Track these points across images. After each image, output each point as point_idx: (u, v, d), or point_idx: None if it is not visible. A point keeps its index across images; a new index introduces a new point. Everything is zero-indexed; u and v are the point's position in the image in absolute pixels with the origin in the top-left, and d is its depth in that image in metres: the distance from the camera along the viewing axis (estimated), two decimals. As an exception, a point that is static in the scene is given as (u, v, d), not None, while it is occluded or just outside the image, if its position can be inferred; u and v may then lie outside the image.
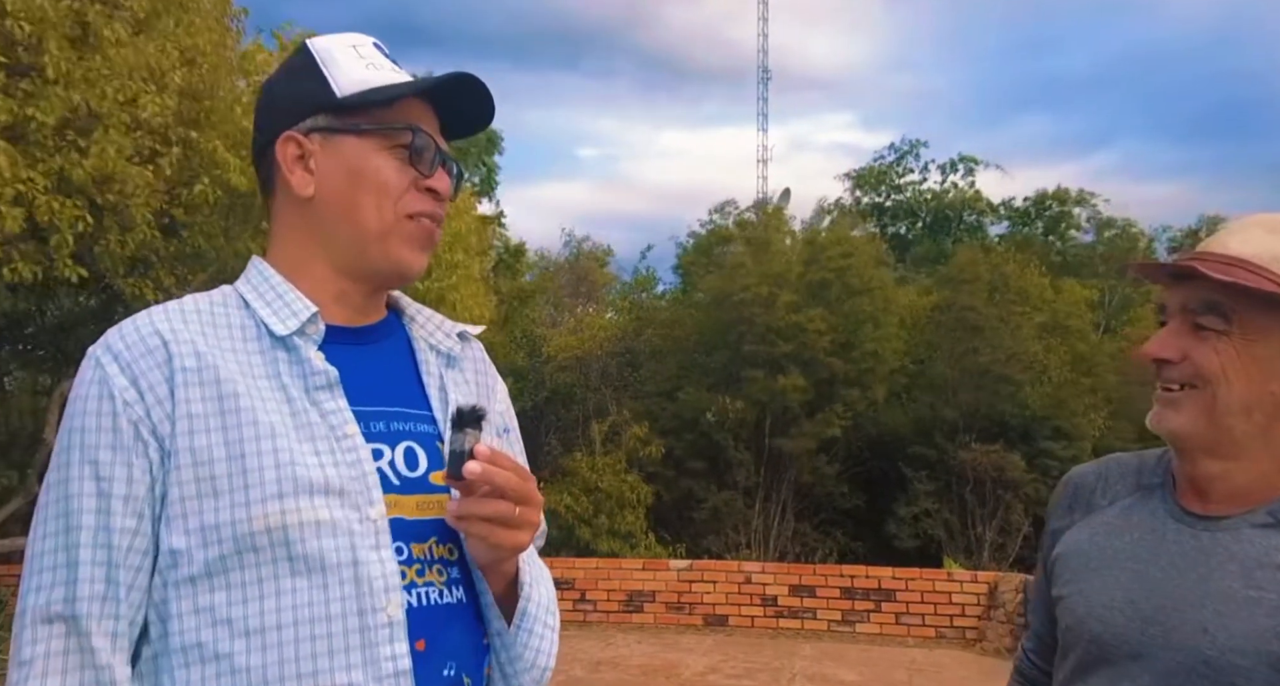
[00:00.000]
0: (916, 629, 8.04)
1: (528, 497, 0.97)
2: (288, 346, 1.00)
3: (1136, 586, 1.10)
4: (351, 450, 0.97)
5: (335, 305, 1.06)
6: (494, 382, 1.20)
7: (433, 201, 1.06)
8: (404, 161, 1.04)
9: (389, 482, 1.00)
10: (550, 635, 1.07)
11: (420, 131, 1.05)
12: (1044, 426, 15.43)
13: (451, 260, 8.02)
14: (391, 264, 1.05)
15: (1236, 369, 1.06)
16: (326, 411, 0.98)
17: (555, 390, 15.43)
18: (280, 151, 1.05)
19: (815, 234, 16.98)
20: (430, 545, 1.01)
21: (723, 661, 7.22)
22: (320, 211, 1.05)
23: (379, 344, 1.09)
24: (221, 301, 1.04)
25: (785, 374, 14.30)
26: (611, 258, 20.50)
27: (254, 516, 0.91)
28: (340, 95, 1.04)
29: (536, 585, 1.07)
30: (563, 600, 8.47)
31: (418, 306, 1.17)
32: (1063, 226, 25.18)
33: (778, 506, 15.10)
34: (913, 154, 26.86)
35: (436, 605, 0.99)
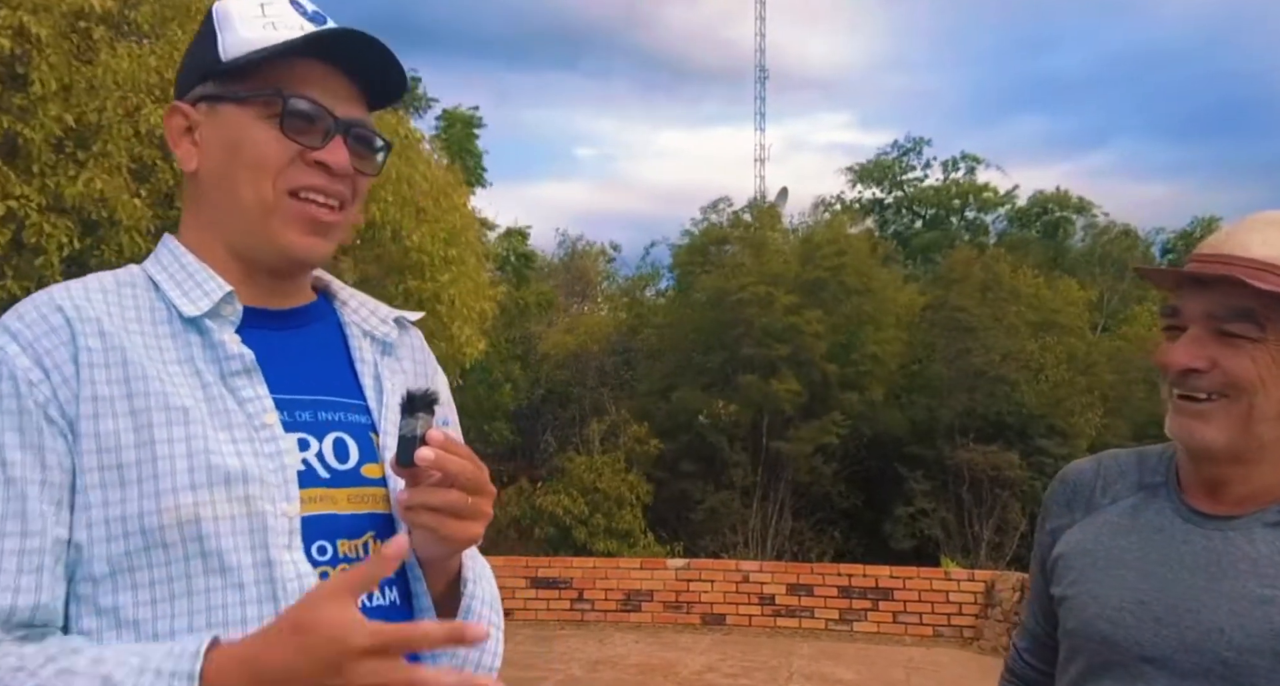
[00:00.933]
0: (914, 627, 8.05)
1: (481, 487, 0.90)
2: (200, 329, 0.92)
3: (1147, 587, 1.08)
4: (270, 440, 0.89)
5: (245, 287, 0.96)
6: (433, 373, 1.11)
7: (322, 176, 0.94)
8: (284, 133, 0.94)
9: (315, 476, 0.92)
10: (495, 634, 1.00)
11: (298, 97, 0.93)
12: (1040, 425, 15.47)
13: (448, 256, 8.00)
14: (276, 248, 0.95)
15: (1273, 376, 1.03)
16: (244, 399, 0.90)
17: (551, 389, 15.44)
18: (167, 123, 0.98)
19: (811, 232, 16.99)
20: (365, 541, 0.94)
21: (720, 660, 7.22)
22: (205, 188, 0.97)
23: (305, 328, 1.01)
24: (129, 281, 0.95)
25: (780, 378, 14.31)
26: (618, 254, 20.55)
27: (164, 508, 0.84)
28: (224, 59, 0.95)
29: (480, 581, 1.01)
30: (560, 599, 8.47)
31: (350, 290, 1.09)
32: (1060, 232, 25.23)
33: (775, 506, 15.12)
34: (915, 151, 26.90)
35: (366, 608, 0.89)
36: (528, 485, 13.58)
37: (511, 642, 6.03)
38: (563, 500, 12.91)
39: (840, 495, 15.80)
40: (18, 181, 5.33)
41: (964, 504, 15.07)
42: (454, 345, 8.44)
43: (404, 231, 7.46)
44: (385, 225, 7.37)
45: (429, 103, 15.95)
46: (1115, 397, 16.54)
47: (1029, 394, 15.70)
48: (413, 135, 8.44)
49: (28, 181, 5.42)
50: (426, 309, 8.06)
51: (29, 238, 5.44)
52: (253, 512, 0.86)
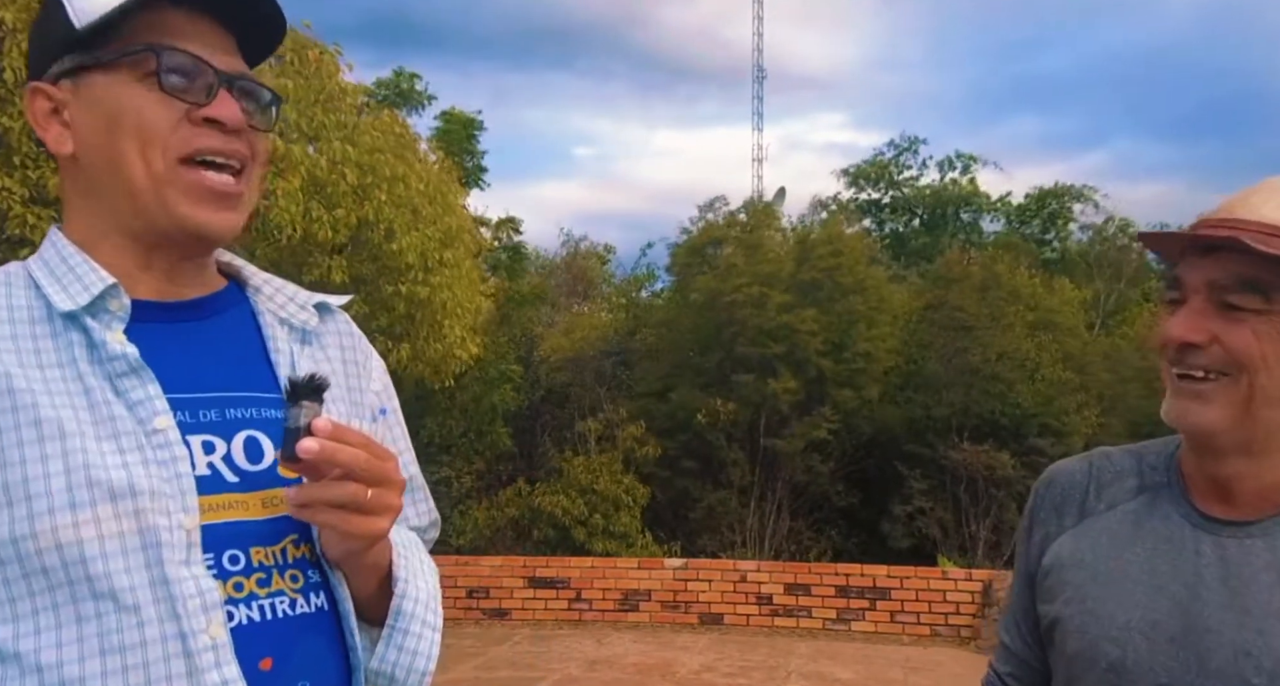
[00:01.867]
0: (911, 627, 8.06)
1: (382, 478, 0.83)
2: (82, 327, 0.84)
3: (1158, 605, 0.96)
4: (163, 446, 0.82)
5: (145, 276, 0.89)
6: (365, 358, 1.04)
7: (216, 136, 0.87)
8: (165, 92, 0.85)
9: (222, 480, 0.85)
10: (430, 635, 0.94)
11: (170, 49, 0.85)
12: (1033, 424, 15.49)
13: (443, 259, 7.96)
14: (176, 224, 0.87)
15: (1278, 353, 0.92)
16: (132, 402, 0.83)
17: (550, 390, 15.43)
18: (28, 107, 0.89)
19: (807, 233, 17.00)
20: (284, 547, 0.87)
21: (718, 660, 7.23)
22: (86, 170, 0.88)
23: (211, 319, 0.93)
24: (4, 281, 0.87)
25: (776, 377, 14.33)
26: (613, 256, 20.54)
27: (39, 531, 0.76)
28: (79, 26, 0.85)
29: (414, 579, 0.94)
30: (558, 599, 8.47)
31: (265, 276, 1.01)
32: (1060, 222, 25.25)
33: (772, 505, 15.12)
34: (912, 151, 26.93)
35: (287, 617, 0.85)
36: (525, 486, 13.57)
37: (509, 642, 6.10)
38: (561, 501, 12.90)
39: (838, 494, 15.81)
40: (1, 174, 5.29)
41: (961, 503, 15.09)
42: (447, 346, 8.42)
43: (398, 232, 7.43)
44: (379, 224, 7.33)
45: (428, 100, 15.91)
46: (1111, 397, 16.57)
47: (1024, 393, 15.73)
48: (408, 134, 8.40)
49: (9, 173, 5.39)
50: (420, 312, 8.04)
51: (12, 229, 5.41)
52: (144, 528, 0.79)
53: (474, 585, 8.48)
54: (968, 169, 26.52)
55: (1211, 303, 0.94)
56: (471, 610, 8.43)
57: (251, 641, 0.82)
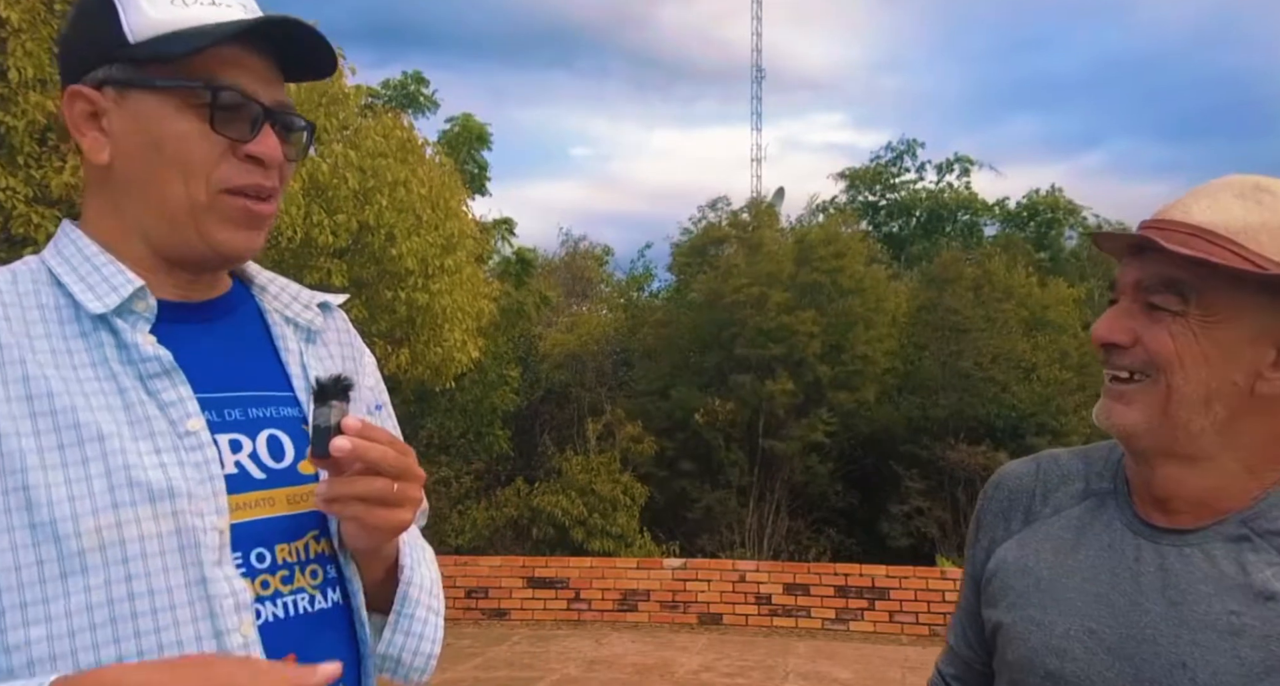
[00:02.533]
0: (910, 627, 8.08)
1: (406, 472, 0.86)
2: (111, 328, 0.85)
3: (1097, 614, 0.94)
4: (196, 448, 0.83)
5: (161, 280, 0.90)
6: (360, 355, 1.06)
7: (257, 172, 0.89)
8: (214, 129, 0.87)
9: (251, 478, 0.87)
10: (434, 619, 0.97)
11: (226, 89, 0.86)
12: (1031, 424, 15.52)
13: (443, 265, 7.96)
14: (210, 246, 0.89)
15: (1194, 355, 0.90)
16: (165, 403, 0.84)
17: (550, 389, 15.45)
18: (67, 108, 0.89)
19: (806, 233, 17.01)
20: (306, 542, 0.90)
21: (717, 659, 7.25)
22: (120, 182, 0.88)
23: (223, 320, 0.94)
24: (28, 277, 0.87)
25: (775, 378, 14.36)
26: (611, 256, 20.55)
27: (83, 531, 0.77)
28: (133, 41, 0.86)
29: (418, 567, 0.97)
30: (557, 599, 8.49)
31: (270, 275, 1.02)
32: (1053, 233, 25.30)
33: (771, 505, 15.15)
34: (910, 153, 26.94)
35: (306, 614, 0.88)
36: (524, 486, 13.59)
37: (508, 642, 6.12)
38: (560, 501, 12.92)
39: (836, 494, 15.84)
40: (3, 173, 5.29)
41: (959, 503, 15.11)
42: (446, 350, 8.43)
43: (399, 237, 7.43)
44: (380, 229, 7.33)
45: (435, 104, 15.93)
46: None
47: (1021, 393, 15.76)
48: (412, 137, 8.40)
49: (13, 173, 5.39)
50: (420, 317, 8.04)
51: (16, 229, 5.41)
52: (181, 528, 0.80)
53: (473, 585, 8.51)
54: (965, 172, 26.55)
55: (1138, 303, 0.94)
56: (470, 610, 8.45)
57: (276, 639, 0.84)
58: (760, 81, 28.24)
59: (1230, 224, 0.90)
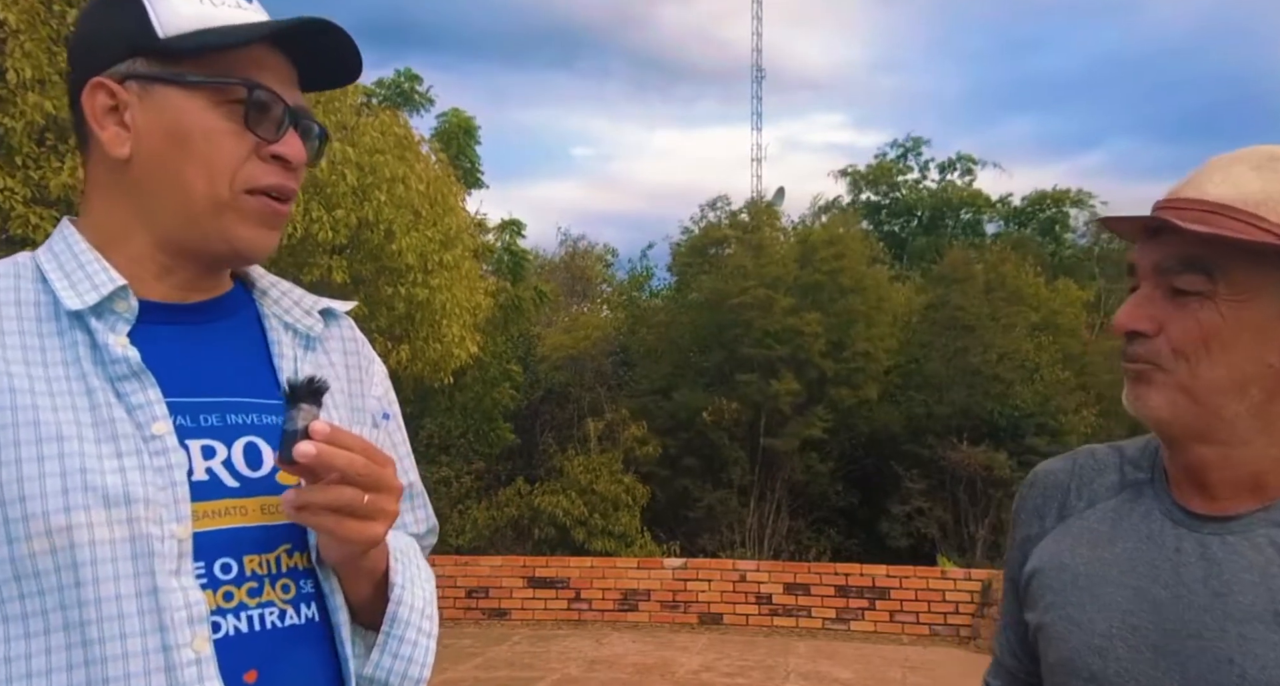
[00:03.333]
0: (911, 626, 8.07)
1: (380, 483, 0.83)
2: (86, 327, 0.83)
3: (1138, 609, 0.89)
4: (160, 453, 0.81)
5: (158, 281, 0.89)
6: (369, 364, 1.03)
7: (281, 173, 0.89)
8: (241, 123, 0.86)
9: (221, 486, 0.84)
10: (425, 642, 0.93)
11: (261, 87, 0.86)
12: (1030, 424, 15.52)
13: (442, 260, 7.96)
14: (228, 244, 0.88)
15: (1223, 339, 0.86)
16: (133, 406, 0.82)
17: (550, 389, 15.43)
18: (88, 100, 0.87)
19: (808, 233, 17.00)
20: (278, 555, 0.86)
21: (717, 659, 7.23)
22: (139, 177, 0.87)
23: (217, 323, 0.92)
24: (13, 272, 0.86)
25: (779, 378, 14.36)
26: (614, 257, 20.56)
27: (32, 534, 0.75)
28: (163, 36, 0.85)
29: (411, 586, 0.93)
30: (558, 599, 8.48)
31: (273, 279, 1.00)
32: (1058, 228, 25.29)
33: (772, 505, 15.14)
34: (914, 151, 26.94)
35: (275, 629, 0.84)
36: (525, 486, 13.57)
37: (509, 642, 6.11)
38: (561, 501, 12.90)
39: (837, 494, 15.83)
40: (1, 174, 5.28)
41: (959, 503, 15.11)
42: (445, 346, 8.43)
43: (398, 233, 7.43)
44: (379, 224, 7.33)
45: (429, 101, 15.91)
46: (1111, 397, 16.57)
47: (1024, 394, 15.75)
48: (409, 134, 8.40)
49: (11, 174, 5.38)
50: (420, 313, 8.05)
51: (15, 229, 5.41)
52: (136, 536, 0.78)
53: (473, 585, 8.49)
54: (969, 171, 26.54)
55: (1160, 288, 0.90)
56: (471, 610, 8.44)
57: (237, 653, 0.81)
58: (760, 81, 28.23)
59: (1248, 197, 0.86)
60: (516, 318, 14.03)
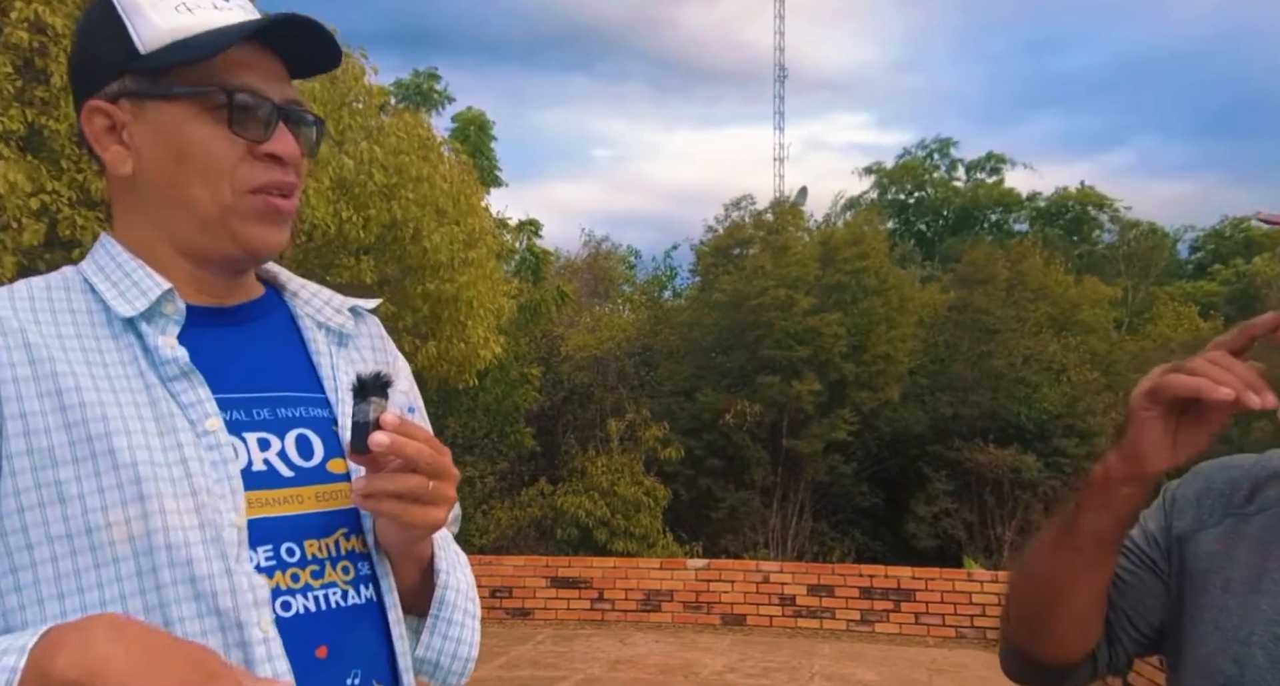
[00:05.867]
0: (936, 629, 8.00)
1: (442, 471, 0.87)
2: (138, 332, 0.88)
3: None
4: (214, 447, 0.85)
5: (190, 287, 0.92)
6: (394, 360, 1.07)
7: (277, 170, 0.91)
8: (229, 127, 0.89)
9: (278, 476, 0.89)
10: (471, 623, 1.00)
11: (240, 91, 0.88)
12: (1059, 426, 15.35)
13: (467, 258, 8.01)
14: (239, 245, 0.91)
15: None
16: (185, 404, 0.86)
17: (573, 390, 15.45)
18: (86, 124, 0.91)
19: (831, 233, 16.91)
20: (336, 539, 0.91)
21: (741, 661, 7.21)
22: (145, 191, 0.90)
23: (256, 323, 0.97)
24: (61, 285, 0.90)
25: (801, 379, 14.30)
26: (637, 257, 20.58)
27: (114, 521, 0.79)
28: (144, 52, 0.87)
29: (454, 571, 0.99)
30: (580, 599, 8.48)
31: (301, 281, 1.04)
32: (1085, 228, 25.04)
33: (795, 506, 15.08)
34: (941, 152, 26.76)
35: (340, 608, 0.89)
36: (548, 486, 13.59)
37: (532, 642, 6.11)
38: (584, 502, 12.91)
39: (861, 494, 15.74)
40: (47, 178, 5.36)
41: (986, 505, 14.98)
42: (470, 346, 8.46)
43: (424, 232, 7.48)
44: (407, 224, 7.39)
45: (447, 100, 16.01)
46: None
47: (1050, 395, 15.59)
48: (431, 135, 8.45)
49: (56, 177, 5.47)
50: (445, 311, 8.09)
51: (63, 231, 5.50)
52: (205, 523, 0.82)
53: (497, 584, 8.51)
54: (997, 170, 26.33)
55: None
56: (494, 609, 8.46)
57: (308, 630, 0.86)
58: (783, 80, 28.15)
59: None
60: (538, 318, 14.07)
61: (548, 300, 14.03)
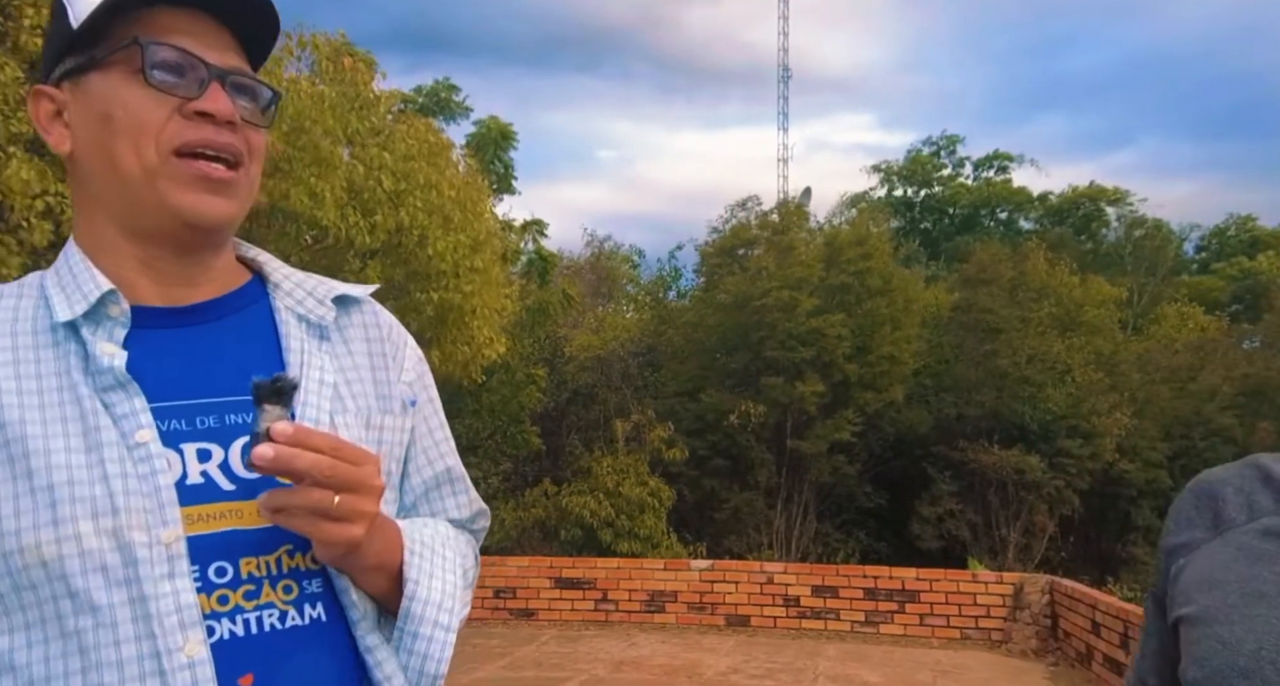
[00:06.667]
0: (941, 630, 7.99)
1: (352, 484, 0.81)
2: (79, 337, 0.84)
3: None
4: (144, 460, 0.80)
5: (148, 278, 0.88)
6: (396, 349, 1.00)
7: (209, 128, 0.86)
8: (157, 87, 0.85)
9: (217, 488, 0.83)
10: (443, 636, 0.90)
11: (158, 44, 0.84)
12: (1063, 426, 15.33)
13: (473, 265, 8.03)
14: (169, 212, 0.85)
15: None
16: (118, 415, 0.81)
17: (577, 390, 15.47)
18: (32, 110, 0.90)
19: (835, 234, 16.90)
20: (279, 556, 0.85)
21: (745, 662, 7.21)
22: (83, 167, 0.88)
23: (222, 321, 0.91)
24: (16, 292, 0.88)
25: (805, 380, 14.30)
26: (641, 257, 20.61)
27: (25, 547, 0.76)
28: (75, 25, 0.85)
29: (428, 580, 0.90)
30: (585, 600, 8.49)
31: (287, 270, 0.98)
32: (1094, 225, 25.01)
33: (799, 507, 15.08)
34: (948, 150, 26.73)
35: (275, 631, 0.83)
36: (552, 487, 13.61)
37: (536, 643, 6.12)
38: (588, 502, 12.92)
39: (865, 495, 15.73)
40: (53, 179, 5.40)
41: (990, 506, 14.96)
42: (474, 347, 8.49)
43: (430, 238, 7.51)
44: (413, 230, 7.42)
45: (466, 110, 16.19)
46: (1143, 399, 16.34)
47: (1054, 396, 15.57)
48: (441, 142, 8.48)
49: (62, 179, 5.52)
50: (451, 316, 8.11)
51: (66, 232, 5.53)
52: (122, 544, 0.78)
53: (501, 585, 8.52)
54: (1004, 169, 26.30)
55: None
56: (498, 610, 8.47)
57: (232, 657, 0.80)
58: (787, 81, 28.13)
59: None
60: (543, 320, 14.10)
61: (553, 301, 14.06)
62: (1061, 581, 7.78)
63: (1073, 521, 15.36)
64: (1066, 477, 14.83)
